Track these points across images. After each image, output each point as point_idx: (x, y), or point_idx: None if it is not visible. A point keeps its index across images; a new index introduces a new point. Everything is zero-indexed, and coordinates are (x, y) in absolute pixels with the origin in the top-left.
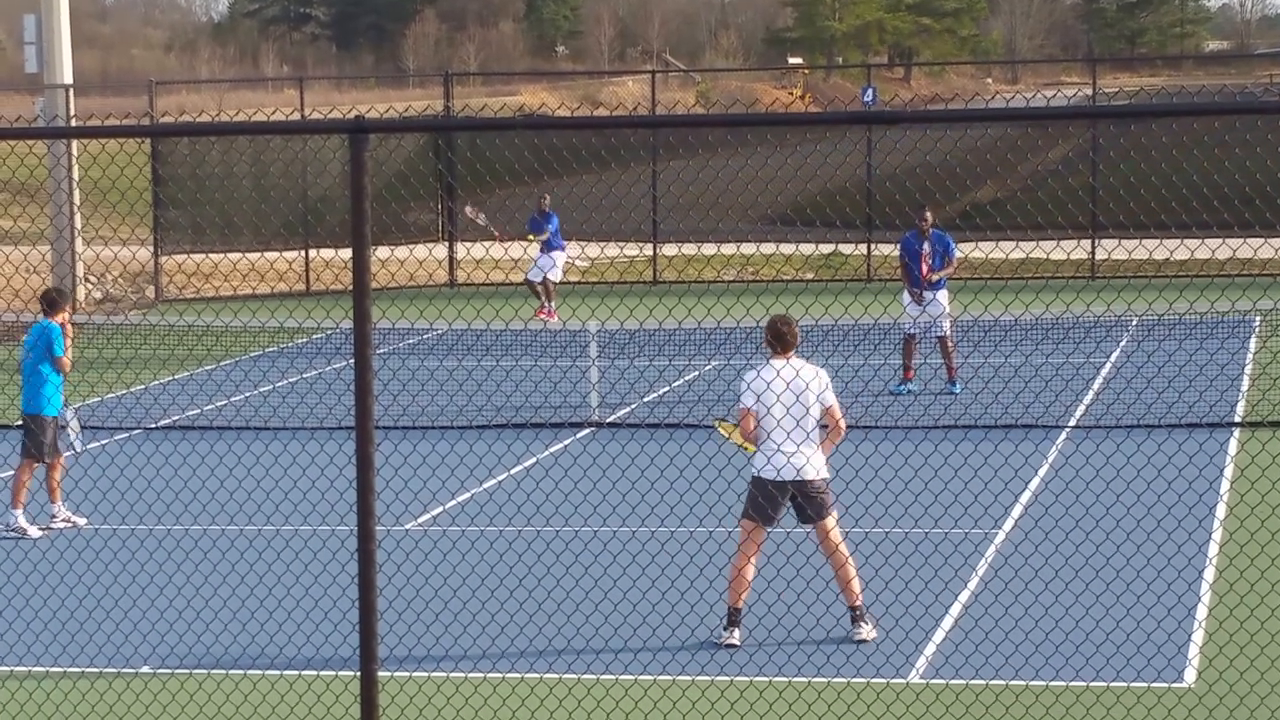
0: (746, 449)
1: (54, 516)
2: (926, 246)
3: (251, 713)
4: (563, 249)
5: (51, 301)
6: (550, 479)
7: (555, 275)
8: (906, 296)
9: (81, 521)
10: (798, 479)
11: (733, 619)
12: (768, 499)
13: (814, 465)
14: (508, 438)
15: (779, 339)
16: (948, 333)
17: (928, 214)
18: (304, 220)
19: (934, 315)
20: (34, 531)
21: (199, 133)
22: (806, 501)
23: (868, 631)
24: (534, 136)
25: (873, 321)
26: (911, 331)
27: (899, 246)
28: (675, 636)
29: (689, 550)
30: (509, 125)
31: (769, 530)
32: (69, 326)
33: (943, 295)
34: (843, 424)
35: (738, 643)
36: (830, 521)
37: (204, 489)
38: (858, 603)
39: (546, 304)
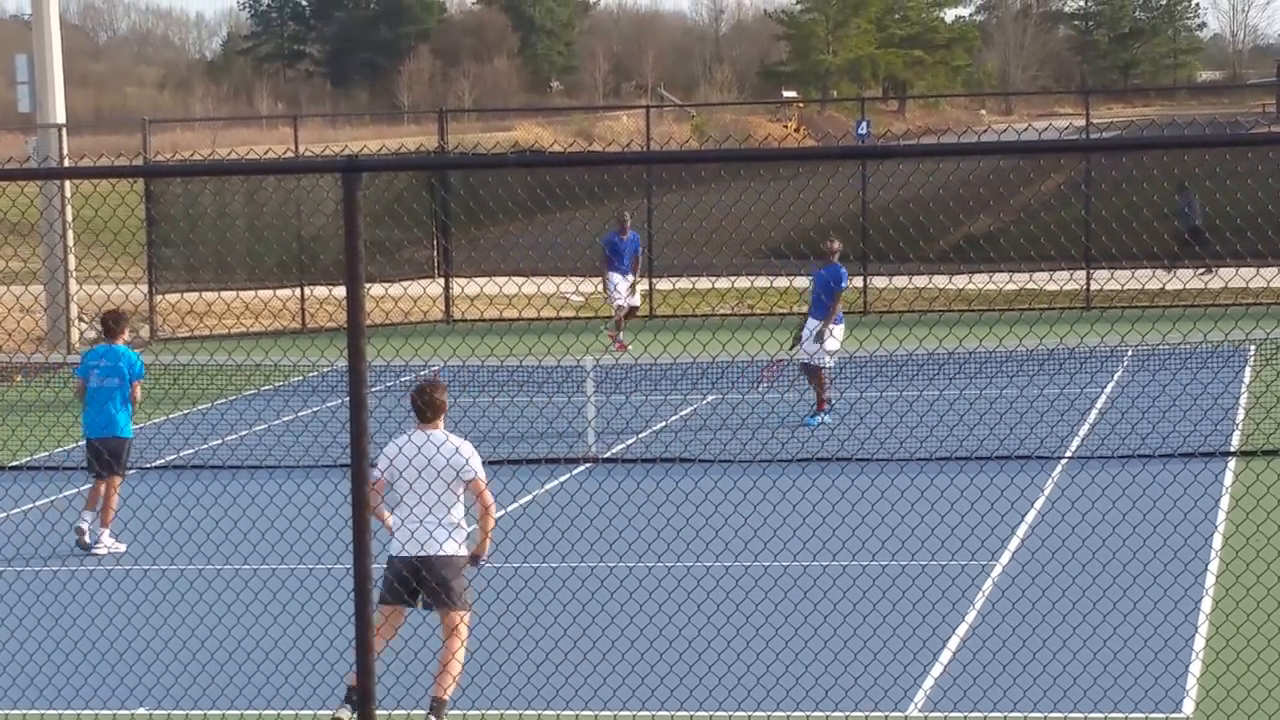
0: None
1: (100, 543)
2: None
3: None
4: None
5: (114, 325)
6: (547, 516)
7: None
8: (813, 327)
9: (123, 547)
10: (424, 555)
11: (349, 697)
12: (397, 578)
13: (444, 545)
14: (504, 474)
15: (415, 410)
16: (828, 366)
17: (834, 245)
18: (299, 258)
19: (829, 349)
20: (120, 547)
21: (192, 173)
22: (434, 582)
23: None
24: (528, 173)
25: (868, 355)
26: (805, 360)
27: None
28: (674, 673)
29: (686, 586)
30: (501, 164)
31: (408, 611)
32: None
33: (839, 329)
34: (489, 500)
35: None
36: (456, 617)
37: (199, 529)
38: (444, 697)
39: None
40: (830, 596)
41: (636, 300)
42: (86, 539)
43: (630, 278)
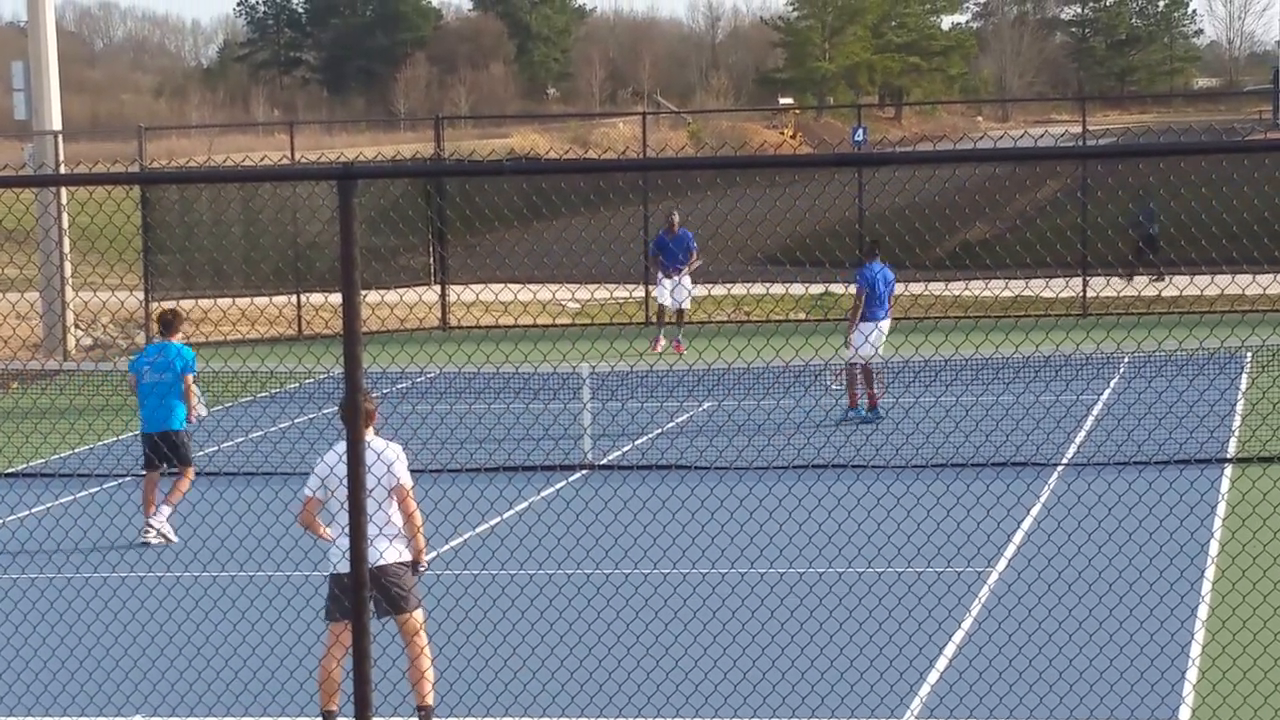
0: None
1: (149, 528)
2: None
3: None
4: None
5: (169, 323)
6: (543, 523)
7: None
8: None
9: (173, 539)
10: (369, 565)
11: None
12: (342, 593)
13: (384, 553)
14: (500, 481)
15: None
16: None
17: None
18: (295, 265)
19: (876, 345)
20: (173, 539)
21: (188, 180)
22: (380, 592)
23: None
24: (524, 179)
25: (864, 361)
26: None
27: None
28: (670, 680)
29: (682, 593)
30: (497, 171)
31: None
32: None
33: (863, 328)
34: (413, 508)
35: None
36: (412, 620)
37: (195, 536)
38: (427, 703)
39: (677, 335)
40: (826, 603)
41: (688, 304)
42: (150, 537)
43: (685, 272)
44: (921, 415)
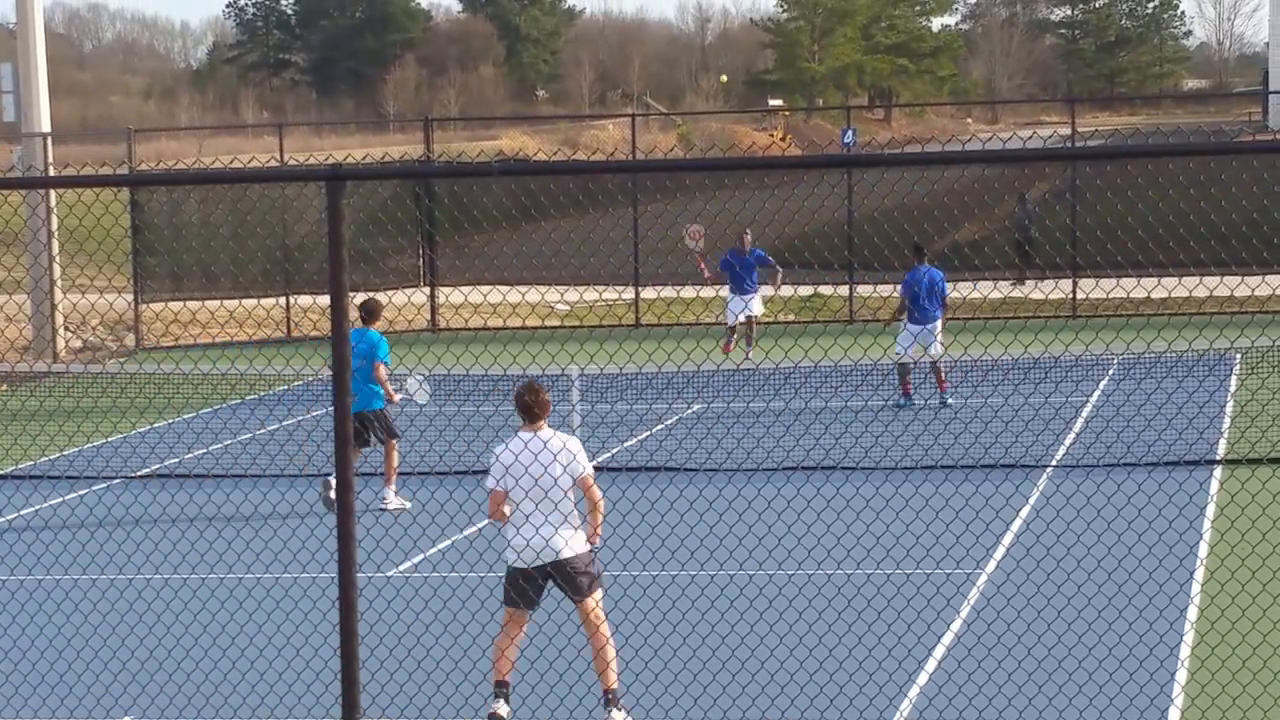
0: None
1: (386, 500)
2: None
3: None
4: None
5: (371, 311)
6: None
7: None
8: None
9: (408, 505)
10: (555, 560)
11: (500, 691)
12: (523, 586)
13: (570, 544)
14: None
15: (523, 410)
16: (939, 357)
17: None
18: (283, 267)
19: (925, 344)
20: (405, 504)
21: (177, 182)
22: (566, 581)
23: (620, 718)
24: (513, 181)
25: (853, 364)
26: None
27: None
28: (659, 681)
29: (671, 594)
30: (486, 172)
31: (532, 611)
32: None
33: (936, 326)
34: (598, 495)
35: (504, 715)
36: (592, 601)
37: (184, 538)
38: (613, 686)
39: (742, 341)
40: (816, 605)
41: (758, 312)
42: (391, 508)
43: (761, 291)
44: (911, 417)
